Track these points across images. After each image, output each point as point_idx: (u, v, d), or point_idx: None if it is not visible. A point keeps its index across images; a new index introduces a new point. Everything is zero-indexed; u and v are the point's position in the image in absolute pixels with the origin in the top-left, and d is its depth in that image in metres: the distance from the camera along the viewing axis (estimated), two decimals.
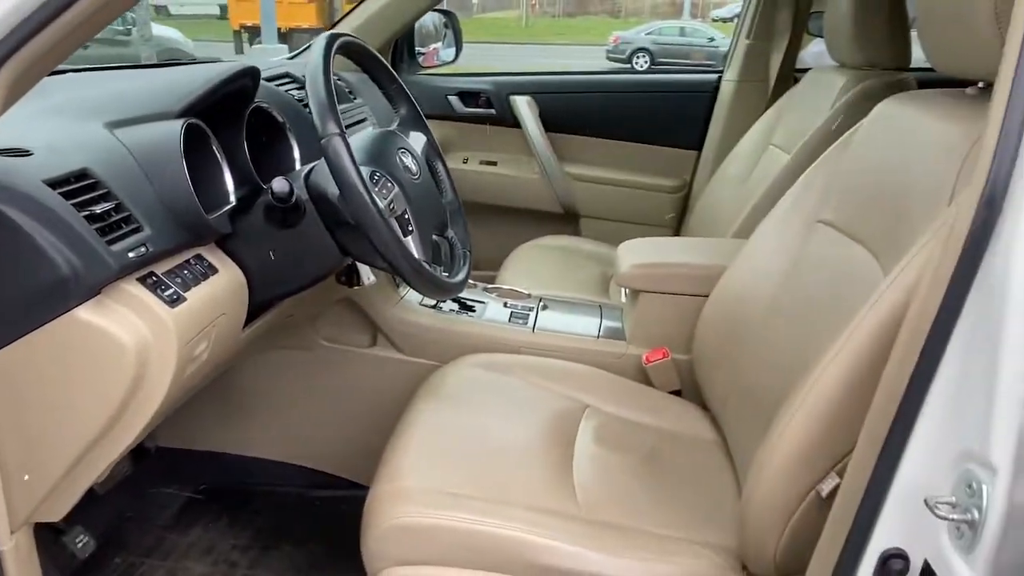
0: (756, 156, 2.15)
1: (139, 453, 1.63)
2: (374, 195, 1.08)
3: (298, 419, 1.75)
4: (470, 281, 1.83)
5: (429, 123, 1.45)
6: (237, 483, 1.80)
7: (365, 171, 1.13)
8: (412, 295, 1.73)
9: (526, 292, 1.81)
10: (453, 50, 2.76)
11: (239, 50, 14.37)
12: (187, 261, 1.09)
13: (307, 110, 1.46)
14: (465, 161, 2.62)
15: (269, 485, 1.79)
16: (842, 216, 1.23)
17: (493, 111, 2.59)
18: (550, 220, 2.64)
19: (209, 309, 1.09)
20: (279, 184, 1.11)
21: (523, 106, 2.54)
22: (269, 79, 1.50)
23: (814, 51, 3.13)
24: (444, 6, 2.57)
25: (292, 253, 1.21)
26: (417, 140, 1.38)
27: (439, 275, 1.21)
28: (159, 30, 9.40)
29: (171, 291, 1.02)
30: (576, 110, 2.61)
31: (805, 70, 2.29)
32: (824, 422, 0.95)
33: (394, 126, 1.38)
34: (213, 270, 1.13)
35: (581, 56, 17.51)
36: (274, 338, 1.59)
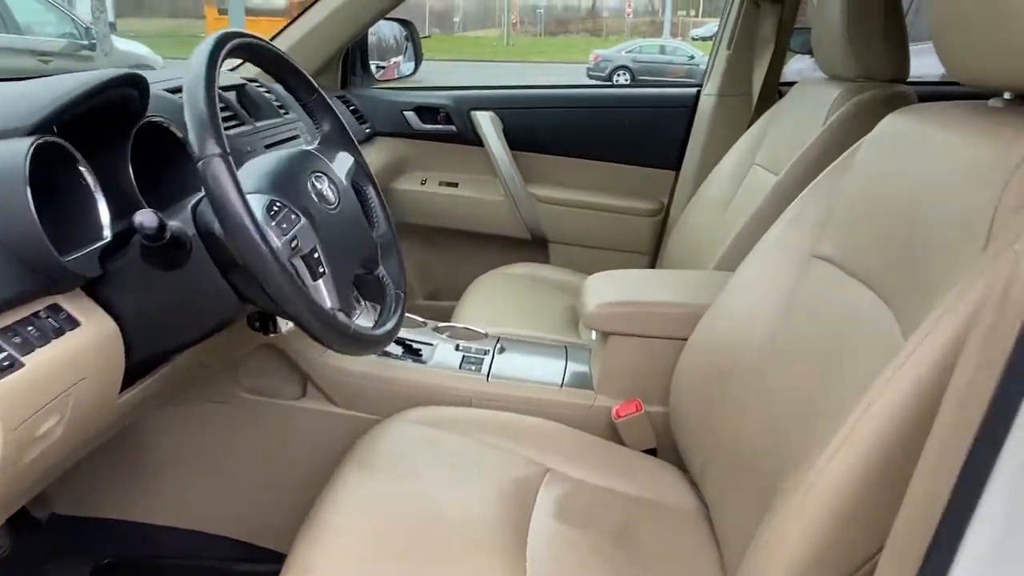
0: (739, 177, 1.97)
1: (26, 523, 1.40)
2: (266, 231, 0.87)
3: (216, 482, 1.52)
4: (418, 319, 1.62)
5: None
6: (145, 556, 1.57)
7: (262, 200, 0.92)
8: None
9: (482, 332, 1.60)
10: (413, 63, 2.59)
11: None
12: (35, 314, 0.87)
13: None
14: (423, 182, 2.42)
15: (182, 558, 1.56)
16: (843, 251, 1.04)
17: (453, 128, 2.39)
18: (516, 246, 2.45)
19: (61, 374, 0.86)
20: (145, 217, 0.88)
21: (485, 122, 2.35)
22: (173, 91, 1.28)
23: (795, 68, 2.98)
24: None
25: (179, 300, 0.99)
26: (343, 162, 1.18)
27: (358, 326, 1.00)
28: (126, 45, 9.12)
29: (2, 355, 0.80)
30: (543, 127, 2.42)
31: (791, 83, 2.11)
32: (834, 524, 0.74)
33: (314, 145, 1.17)
34: (73, 323, 0.90)
35: (562, 74, 17.54)
36: (183, 391, 1.37)
